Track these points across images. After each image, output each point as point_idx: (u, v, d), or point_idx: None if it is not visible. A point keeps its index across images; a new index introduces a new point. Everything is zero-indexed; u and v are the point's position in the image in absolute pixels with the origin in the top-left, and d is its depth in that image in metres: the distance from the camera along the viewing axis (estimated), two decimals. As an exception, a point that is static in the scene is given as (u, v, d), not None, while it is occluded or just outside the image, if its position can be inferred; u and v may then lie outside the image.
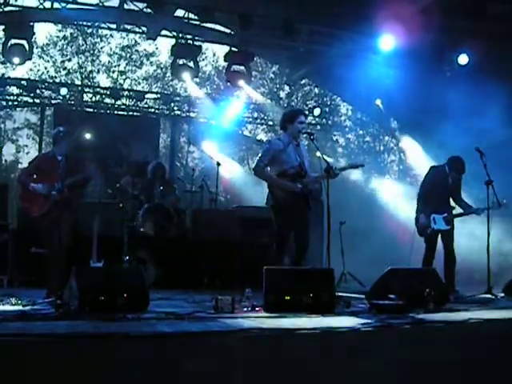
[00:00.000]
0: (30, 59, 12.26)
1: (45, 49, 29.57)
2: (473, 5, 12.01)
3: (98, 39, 30.15)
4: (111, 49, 30.57)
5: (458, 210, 9.07)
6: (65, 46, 29.91)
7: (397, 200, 16.98)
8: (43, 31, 31.38)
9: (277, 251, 7.23)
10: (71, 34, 29.58)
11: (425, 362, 4.68)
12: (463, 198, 9.15)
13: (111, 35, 29.64)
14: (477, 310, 6.35)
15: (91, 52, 30.23)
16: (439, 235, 8.88)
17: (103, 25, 15.64)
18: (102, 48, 30.41)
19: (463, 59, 12.81)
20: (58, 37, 29.69)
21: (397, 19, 11.98)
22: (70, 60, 29.99)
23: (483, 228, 8.41)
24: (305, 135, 7.53)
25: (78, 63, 30.13)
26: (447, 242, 8.85)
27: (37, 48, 28.31)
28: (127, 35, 28.57)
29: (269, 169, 7.36)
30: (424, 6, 11.68)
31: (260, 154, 7.50)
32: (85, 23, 15.95)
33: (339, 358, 4.46)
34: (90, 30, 28.03)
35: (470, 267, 10.36)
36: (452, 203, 9.06)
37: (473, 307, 6.57)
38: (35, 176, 7.63)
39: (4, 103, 17.43)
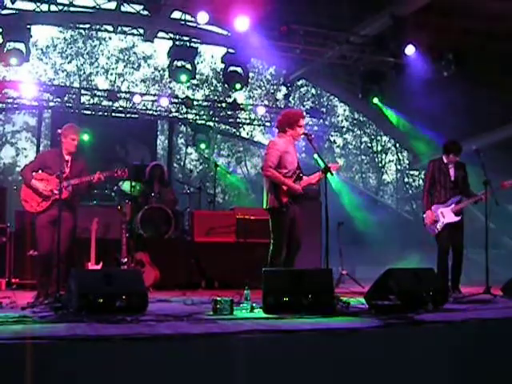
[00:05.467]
0: (27, 61, 12.25)
1: (44, 51, 29.65)
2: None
3: (98, 42, 30.24)
4: (109, 51, 30.69)
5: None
6: (64, 49, 30.01)
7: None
8: (44, 34, 31.53)
9: (274, 253, 7.16)
10: (71, 36, 29.67)
11: (424, 363, 4.69)
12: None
13: (110, 38, 29.77)
14: (475, 310, 6.35)
15: (90, 54, 30.31)
16: (450, 229, 8.53)
17: (100, 27, 15.65)
18: (101, 51, 30.52)
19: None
20: (58, 38, 29.83)
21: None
22: (69, 62, 30.09)
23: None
24: (302, 136, 7.47)
25: (77, 66, 30.20)
26: (457, 236, 8.58)
27: (37, 50, 28.47)
28: (125, 37, 28.70)
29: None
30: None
31: (268, 155, 7.26)
32: (82, 26, 15.92)
33: (338, 358, 4.46)
34: (90, 33, 28.14)
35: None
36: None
37: (471, 307, 6.57)
38: (40, 171, 7.53)
39: (3, 106, 17.36)
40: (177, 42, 13.76)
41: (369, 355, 4.55)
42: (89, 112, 16.92)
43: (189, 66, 13.62)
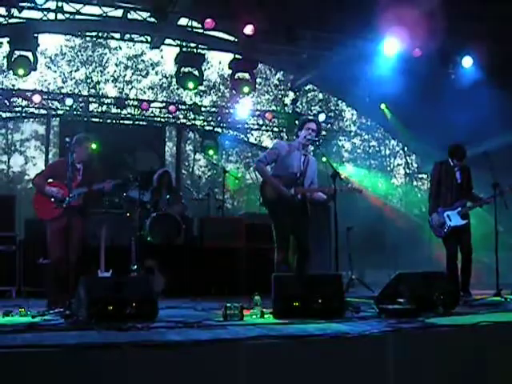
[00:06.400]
0: (34, 70, 12.29)
1: (53, 59, 29.73)
2: (475, 7, 12.02)
3: (107, 50, 30.31)
4: (118, 59, 30.77)
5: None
6: (73, 57, 30.09)
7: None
8: (53, 42, 31.60)
9: (276, 254, 7.25)
10: (80, 44, 29.76)
11: (435, 366, 4.67)
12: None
13: (120, 47, 29.90)
14: (486, 313, 6.33)
15: (99, 62, 30.38)
16: (457, 232, 8.48)
17: (108, 35, 15.73)
18: (109, 59, 30.61)
19: (467, 61, 12.82)
20: (66, 46, 29.94)
21: (400, 23, 11.99)
22: (77, 70, 30.16)
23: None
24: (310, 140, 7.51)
25: (86, 73, 30.27)
26: (465, 239, 8.50)
27: (45, 58, 28.56)
28: (134, 45, 28.79)
29: (269, 168, 7.49)
30: (427, 10, 11.69)
31: (266, 152, 7.71)
32: (89, 34, 15.99)
33: (349, 363, 4.45)
34: (99, 41, 28.23)
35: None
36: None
37: (482, 310, 6.55)
38: (51, 180, 7.60)
39: (12, 114, 17.41)
40: (184, 49, 13.80)
41: (379, 359, 4.54)
42: (97, 120, 16.96)
43: (196, 73, 13.65)
